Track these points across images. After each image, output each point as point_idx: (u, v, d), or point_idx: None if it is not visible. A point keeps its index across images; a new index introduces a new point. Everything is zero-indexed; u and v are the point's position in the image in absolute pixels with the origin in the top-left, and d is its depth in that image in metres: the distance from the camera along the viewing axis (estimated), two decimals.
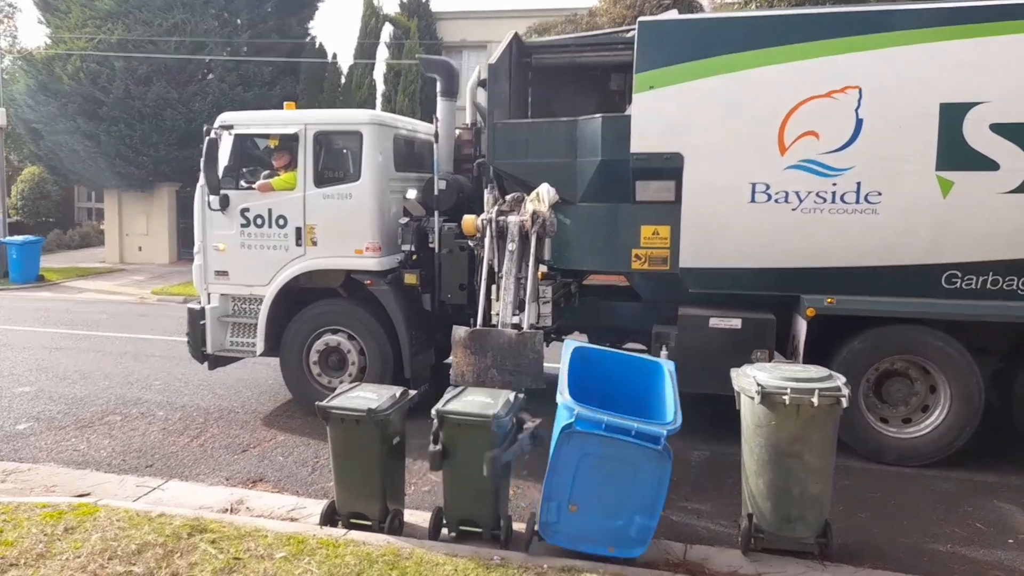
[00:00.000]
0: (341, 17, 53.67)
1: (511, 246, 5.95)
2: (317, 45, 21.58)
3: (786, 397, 4.09)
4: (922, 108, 5.50)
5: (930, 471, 5.74)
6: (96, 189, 24.25)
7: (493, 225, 6.02)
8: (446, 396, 4.49)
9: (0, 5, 26.22)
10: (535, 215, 5.98)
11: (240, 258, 7.04)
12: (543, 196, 6.06)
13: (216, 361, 7.39)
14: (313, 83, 20.73)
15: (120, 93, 18.69)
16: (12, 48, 27.54)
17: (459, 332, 5.85)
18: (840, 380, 4.23)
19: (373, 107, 20.35)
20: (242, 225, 6.99)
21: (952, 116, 5.45)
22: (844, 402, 4.12)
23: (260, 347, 7.02)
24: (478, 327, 5.94)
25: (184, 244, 20.90)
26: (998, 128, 5.39)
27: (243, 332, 7.20)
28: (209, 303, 7.19)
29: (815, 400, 4.05)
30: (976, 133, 5.42)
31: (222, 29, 19.56)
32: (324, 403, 4.45)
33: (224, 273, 7.12)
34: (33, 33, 55.88)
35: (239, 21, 19.99)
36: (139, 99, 18.78)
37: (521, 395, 4.63)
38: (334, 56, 21.31)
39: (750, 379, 4.28)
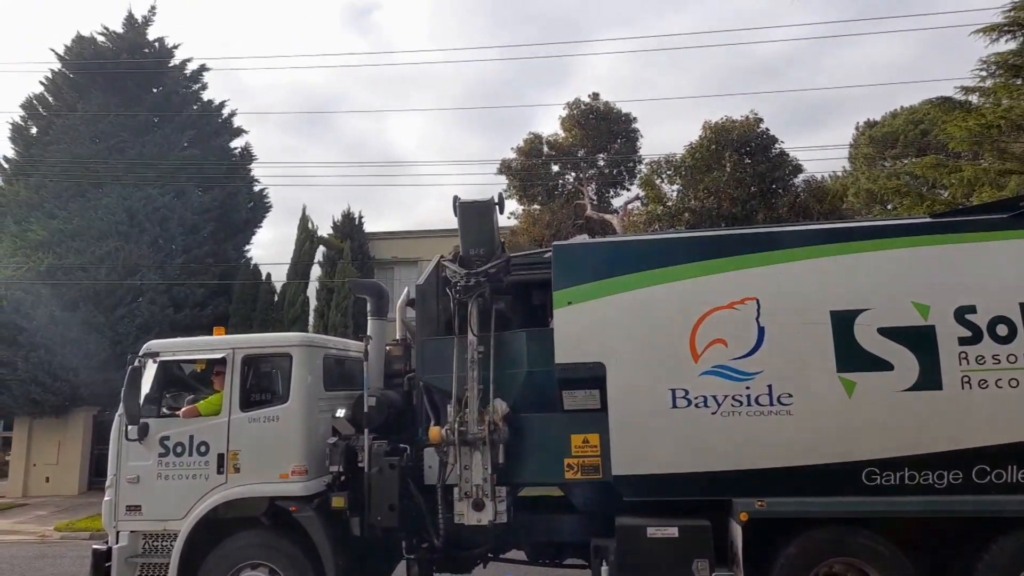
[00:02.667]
0: (277, 238, 55.97)
1: (476, 456, 6.42)
2: (252, 267, 22.17)
3: None
4: (815, 316, 5.99)
5: None
6: (6, 417, 22.92)
7: (456, 434, 6.38)
8: None
9: None
10: (491, 424, 6.38)
11: (155, 490, 6.66)
12: (497, 408, 6.44)
13: None
14: (245, 302, 21.00)
15: (44, 319, 18.42)
16: None
17: None
18: None
19: (306, 323, 20.61)
20: (160, 455, 6.70)
21: (843, 322, 5.95)
22: None
23: None
24: None
25: (97, 472, 19.58)
26: (885, 332, 5.89)
27: (153, 573, 6.60)
28: (117, 542, 6.65)
29: None
30: (867, 337, 5.90)
31: (156, 255, 19.96)
32: None
33: (136, 508, 6.68)
34: None
35: (174, 247, 20.50)
36: (63, 324, 18.50)
37: None
38: (268, 276, 21.87)
39: None
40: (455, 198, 6.95)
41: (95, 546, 6.81)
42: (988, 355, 5.75)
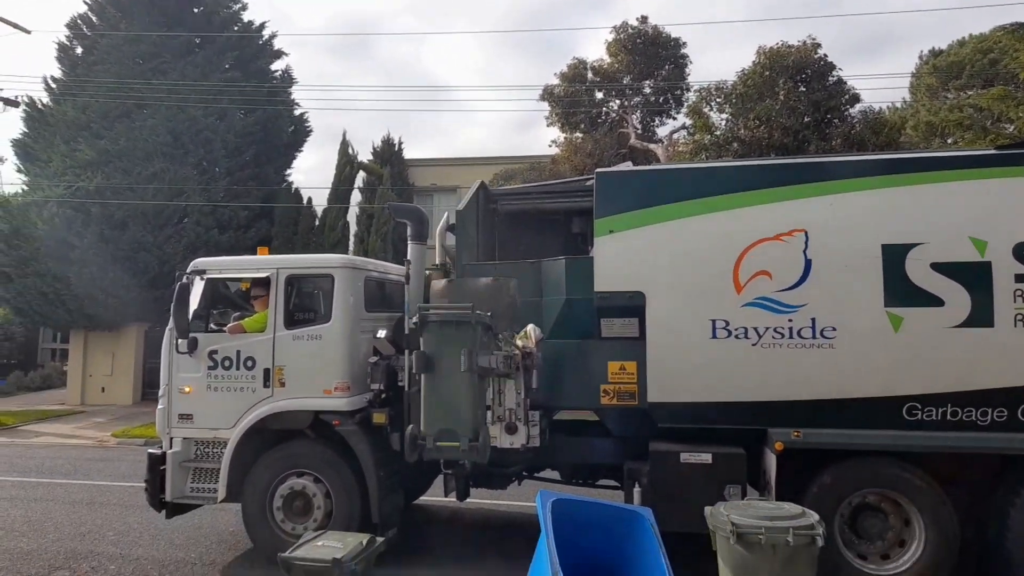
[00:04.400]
0: (317, 163, 56.13)
1: (507, 380, 6.29)
2: (293, 190, 22.37)
3: (761, 536, 4.06)
4: (866, 249, 5.84)
5: None
6: (62, 330, 24.00)
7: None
8: None
9: None
10: (524, 349, 6.30)
11: (206, 401, 6.93)
12: (530, 334, 6.40)
13: (174, 509, 7.10)
14: (287, 225, 21.29)
15: (94, 238, 18.97)
16: None
17: (437, 284, 5.78)
18: (814, 517, 4.22)
19: (346, 248, 20.86)
20: (209, 367, 6.95)
21: (894, 256, 5.79)
22: (820, 540, 4.09)
23: (222, 493, 6.76)
24: (455, 278, 5.83)
25: (149, 384, 20.50)
26: (938, 267, 5.73)
27: (204, 478, 6.97)
28: (171, 447, 6.99)
29: (790, 539, 4.03)
30: (919, 272, 5.75)
31: (201, 176, 20.24)
32: (287, 554, 4.28)
33: (188, 416, 6.99)
34: (11, 180, 57.05)
35: (218, 169, 20.75)
36: (113, 243, 19.05)
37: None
38: (309, 200, 22.07)
39: (724, 518, 4.26)
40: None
41: (150, 451, 7.17)
42: None
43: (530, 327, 6.48)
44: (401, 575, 6.41)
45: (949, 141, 17.83)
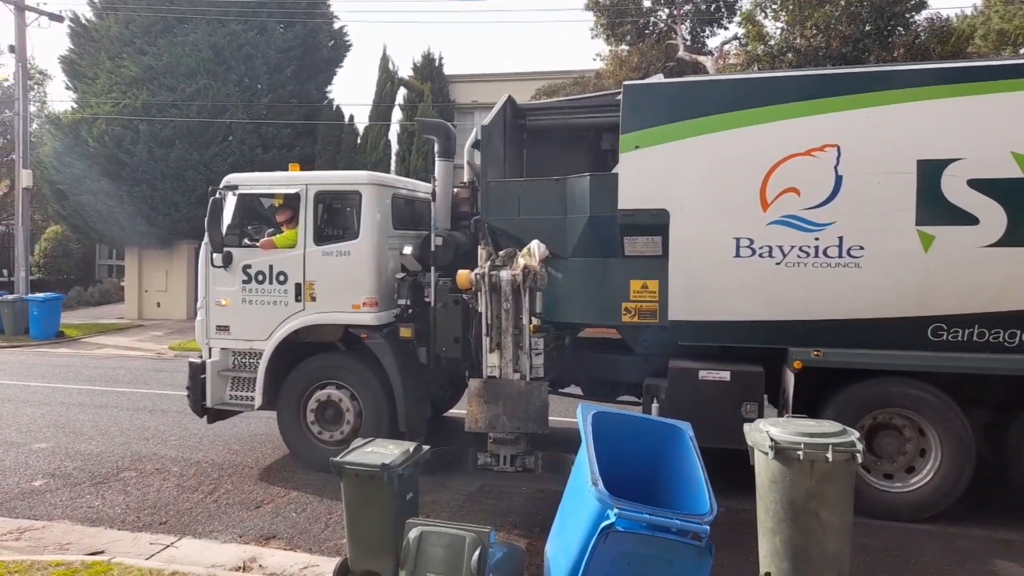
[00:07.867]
0: (358, 80, 55.41)
1: (506, 304, 5.99)
2: (334, 108, 22.29)
3: (800, 452, 4.02)
4: (900, 165, 5.61)
5: (951, 528, 5.63)
6: (117, 247, 24.92)
7: (486, 280, 6.00)
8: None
9: (31, 72, 27.43)
10: (526, 269, 5.95)
11: (241, 313, 7.22)
12: (534, 251, 6.07)
13: (215, 415, 7.52)
14: (330, 144, 21.35)
15: (143, 155, 19.39)
16: (41, 112, 28.67)
17: (474, 383, 6.07)
18: (854, 435, 4.14)
19: (388, 166, 20.87)
20: (244, 281, 7.20)
21: (930, 172, 5.55)
22: (859, 457, 4.07)
23: (259, 401, 7.13)
24: (488, 377, 6.09)
25: None
26: (976, 184, 5.48)
27: (242, 386, 7.33)
28: (210, 357, 7.35)
29: (829, 455, 3.99)
30: (954, 189, 5.51)
31: (243, 94, 20.32)
32: (339, 458, 4.50)
33: (225, 328, 7.30)
34: (61, 97, 57.99)
35: (259, 86, 20.76)
36: (162, 161, 19.45)
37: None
38: (350, 118, 21.99)
39: (763, 434, 4.20)
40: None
41: (191, 360, 7.56)
42: None
43: (534, 243, 6.10)
44: (448, 482, 6.67)
45: (1022, 51, 16.58)
